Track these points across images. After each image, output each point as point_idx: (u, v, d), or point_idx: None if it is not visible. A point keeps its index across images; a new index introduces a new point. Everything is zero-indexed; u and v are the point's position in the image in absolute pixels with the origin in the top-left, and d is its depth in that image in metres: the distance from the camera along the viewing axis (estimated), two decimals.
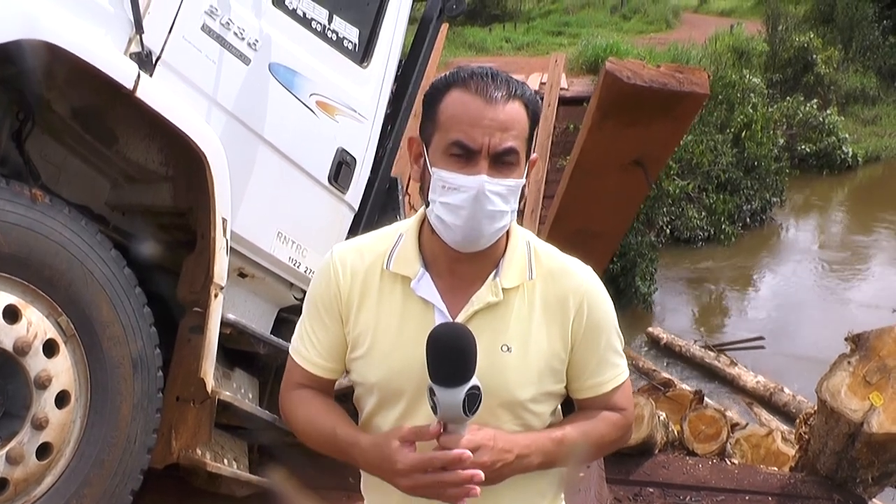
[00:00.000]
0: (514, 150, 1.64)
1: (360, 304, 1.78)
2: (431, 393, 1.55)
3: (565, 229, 4.74)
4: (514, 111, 1.65)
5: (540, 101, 1.73)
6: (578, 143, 4.56)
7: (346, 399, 1.95)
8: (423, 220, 1.77)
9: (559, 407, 1.87)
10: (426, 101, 1.72)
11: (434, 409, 1.56)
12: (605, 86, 3.87)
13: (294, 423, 1.90)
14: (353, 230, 3.88)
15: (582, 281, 1.78)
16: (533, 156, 1.75)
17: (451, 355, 1.54)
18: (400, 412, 1.75)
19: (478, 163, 1.63)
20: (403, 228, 1.82)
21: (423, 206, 1.75)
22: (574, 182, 4.70)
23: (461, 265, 1.74)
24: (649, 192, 6.91)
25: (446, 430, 1.59)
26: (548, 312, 1.75)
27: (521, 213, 8.58)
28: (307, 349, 1.86)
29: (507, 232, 1.78)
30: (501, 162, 1.64)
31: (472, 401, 1.54)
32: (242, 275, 3.56)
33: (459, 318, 1.71)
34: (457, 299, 1.73)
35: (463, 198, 1.64)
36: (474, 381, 1.54)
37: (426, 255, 1.77)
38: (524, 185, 1.71)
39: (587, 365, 1.79)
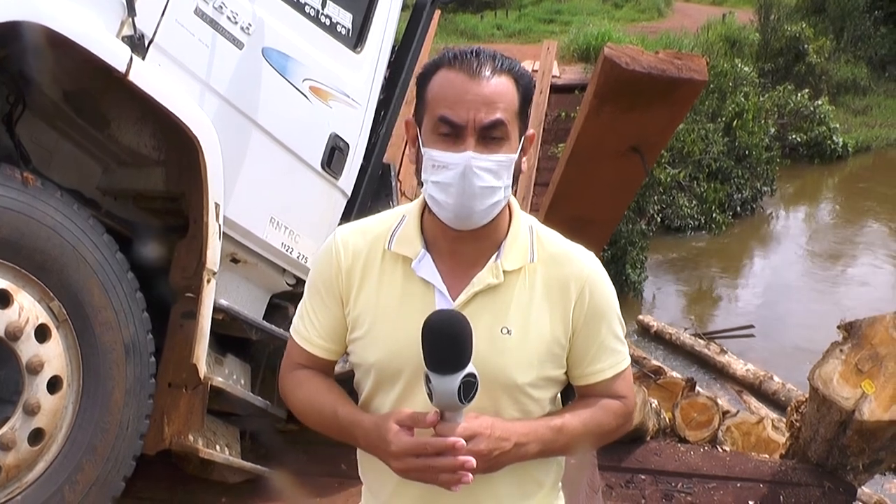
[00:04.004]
0: (502, 123, 1.63)
1: (360, 285, 1.77)
2: (427, 380, 1.53)
3: (560, 216, 4.71)
4: (501, 85, 1.64)
5: (531, 76, 1.73)
6: (575, 130, 4.54)
7: (344, 384, 1.95)
8: (426, 202, 1.75)
9: (559, 396, 1.86)
10: (418, 83, 1.72)
11: (430, 396, 1.55)
12: (603, 72, 3.85)
13: (294, 403, 1.88)
14: (346, 216, 3.87)
15: (584, 266, 1.76)
16: (530, 131, 1.73)
17: (445, 343, 1.52)
18: (398, 393, 1.74)
19: (465, 139, 1.62)
20: (407, 210, 1.81)
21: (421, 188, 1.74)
22: (570, 169, 4.67)
23: (462, 246, 1.73)
24: (646, 178, 6.90)
25: (443, 418, 1.58)
26: (549, 297, 1.73)
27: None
28: (307, 329, 1.85)
29: (510, 215, 1.77)
30: (489, 137, 1.63)
31: (468, 388, 1.53)
32: (235, 260, 3.54)
33: (460, 300, 1.70)
34: (458, 281, 1.72)
35: (451, 175, 1.63)
36: (470, 368, 1.52)
37: (428, 236, 1.76)
38: (517, 161, 1.69)
39: (588, 351, 1.77)
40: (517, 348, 1.70)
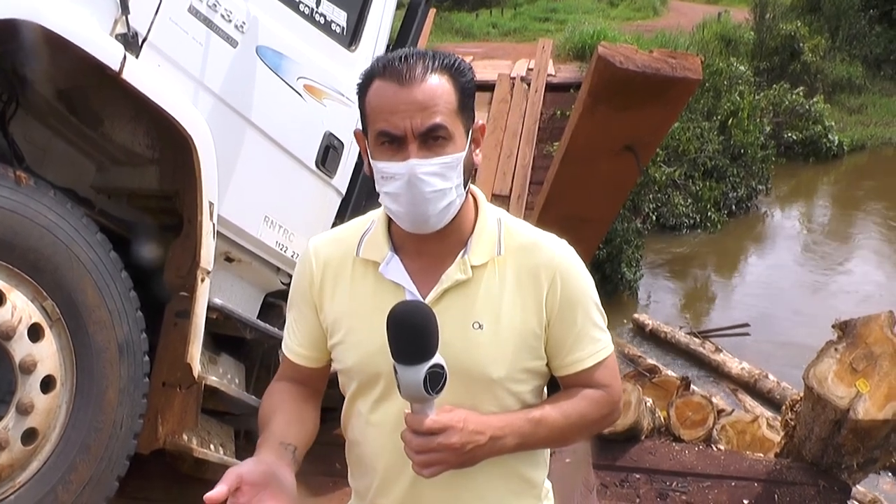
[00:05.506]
0: (441, 126, 1.62)
1: (333, 292, 1.79)
2: (395, 372, 1.53)
3: (555, 215, 4.72)
4: (434, 86, 1.63)
5: (469, 68, 1.72)
6: (569, 129, 4.54)
7: (333, 385, 1.95)
8: None
9: (545, 390, 1.85)
10: (358, 97, 1.72)
11: (399, 388, 1.54)
12: (597, 71, 3.85)
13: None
14: (340, 215, 3.88)
15: (553, 254, 1.75)
16: (478, 122, 1.73)
17: (408, 333, 1.52)
18: (378, 394, 1.76)
19: (406, 147, 1.62)
20: (376, 215, 1.83)
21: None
22: (564, 167, 4.68)
23: (429, 245, 1.73)
24: (640, 177, 6.91)
25: (414, 410, 1.57)
26: (520, 288, 1.73)
27: (506, 198, 8.54)
28: (290, 339, 1.89)
29: (476, 209, 1.78)
30: (431, 139, 1.63)
31: (435, 379, 1.52)
32: (229, 259, 3.54)
33: (429, 298, 1.70)
34: (427, 279, 1.73)
35: (398, 185, 1.64)
36: (437, 359, 1.52)
37: (396, 238, 1.77)
38: (467, 156, 1.69)
39: (565, 340, 1.75)
40: (490, 342, 1.70)
